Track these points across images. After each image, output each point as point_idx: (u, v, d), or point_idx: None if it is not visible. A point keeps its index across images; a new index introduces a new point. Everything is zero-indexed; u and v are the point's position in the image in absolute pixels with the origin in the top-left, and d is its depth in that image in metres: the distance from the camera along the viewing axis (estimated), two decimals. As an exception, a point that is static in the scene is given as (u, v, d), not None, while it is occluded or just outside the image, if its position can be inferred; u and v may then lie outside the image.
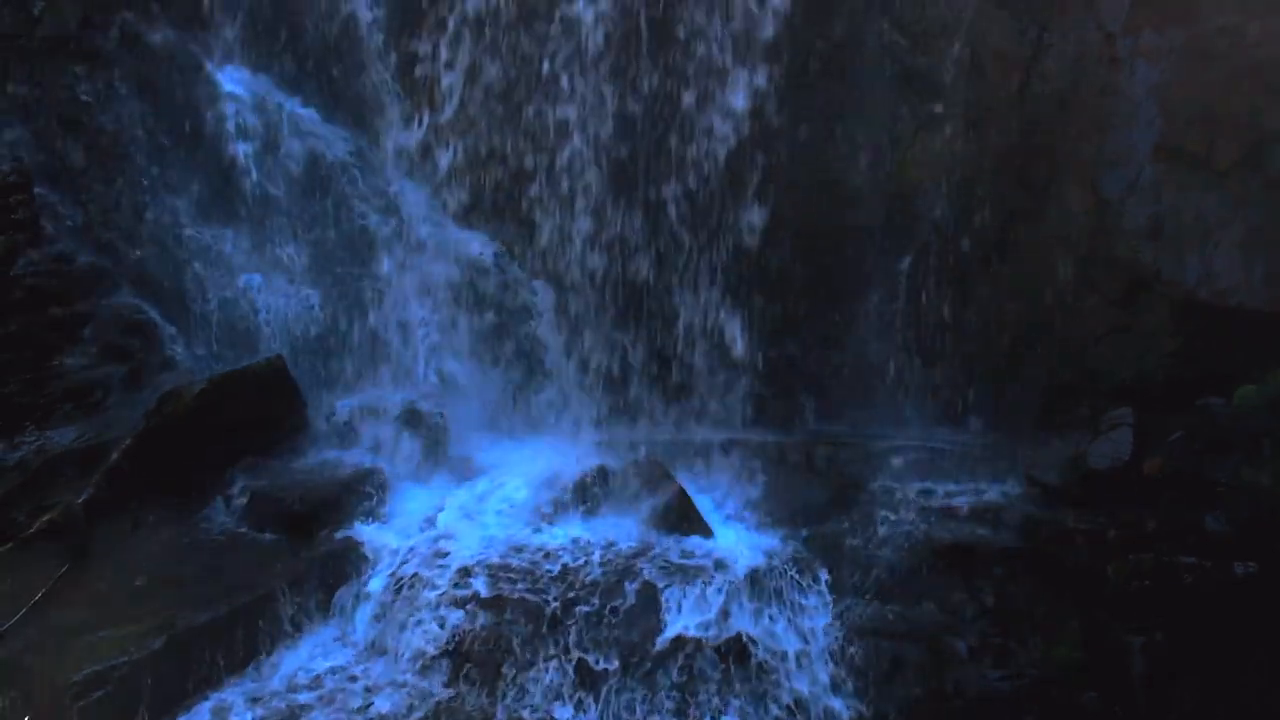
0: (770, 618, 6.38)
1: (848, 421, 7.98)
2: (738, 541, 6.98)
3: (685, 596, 6.38)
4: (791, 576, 6.57)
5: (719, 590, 6.40)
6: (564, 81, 8.11)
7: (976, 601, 6.39)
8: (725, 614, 6.31)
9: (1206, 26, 7.08)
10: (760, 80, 7.83)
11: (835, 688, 6.17)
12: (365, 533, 7.13)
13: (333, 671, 6.39)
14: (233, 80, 8.33)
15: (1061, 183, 7.55)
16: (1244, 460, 6.52)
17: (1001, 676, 6.09)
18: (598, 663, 6.18)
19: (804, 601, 6.49)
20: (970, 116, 7.63)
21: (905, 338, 7.85)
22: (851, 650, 6.24)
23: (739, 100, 7.84)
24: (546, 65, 8.14)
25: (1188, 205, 7.23)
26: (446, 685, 6.24)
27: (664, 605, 6.34)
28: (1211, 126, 7.13)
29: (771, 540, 7.07)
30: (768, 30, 7.78)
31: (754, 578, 6.51)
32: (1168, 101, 7.23)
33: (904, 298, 7.84)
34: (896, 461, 7.42)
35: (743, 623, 6.29)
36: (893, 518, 6.94)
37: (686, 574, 6.53)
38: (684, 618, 6.28)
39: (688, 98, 7.92)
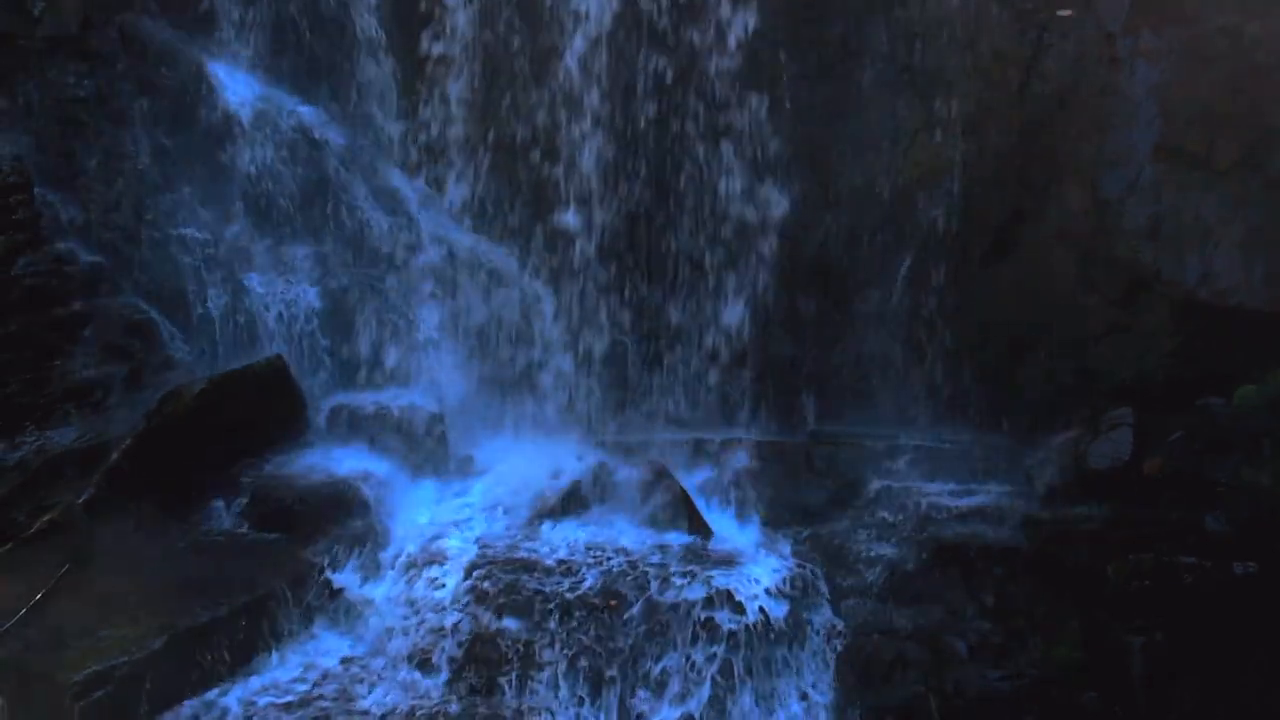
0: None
1: (847, 421, 7.97)
2: (741, 551, 6.96)
3: (673, 670, 6.19)
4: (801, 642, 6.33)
5: (709, 660, 6.20)
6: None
7: (976, 601, 6.40)
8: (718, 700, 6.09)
9: (1206, 27, 7.08)
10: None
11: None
12: (365, 532, 7.13)
13: (332, 671, 6.40)
14: (233, 79, 8.32)
15: (1061, 183, 7.55)
16: (1244, 460, 6.53)
17: (1001, 676, 6.09)
18: (598, 679, 6.17)
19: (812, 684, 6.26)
20: (970, 116, 7.62)
21: (905, 337, 7.84)
22: (853, 649, 6.24)
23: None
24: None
25: (1188, 205, 7.23)
26: (446, 687, 6.25)
27: (652, 675, 6.17)
28: (1211, 126, 7.12)
29: (772, 541, 7.09)
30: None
31: (754, 634, 6.28)
32: (1167, 101, 7.23)
33: (904, 297, 7.83)
34: (897, 461, 7.43)
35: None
36: (893, 518, 6.95)
37: (678, 617, 6.35)
38: (666, 709, 6.10)
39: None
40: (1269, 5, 6.91)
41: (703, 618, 6.32)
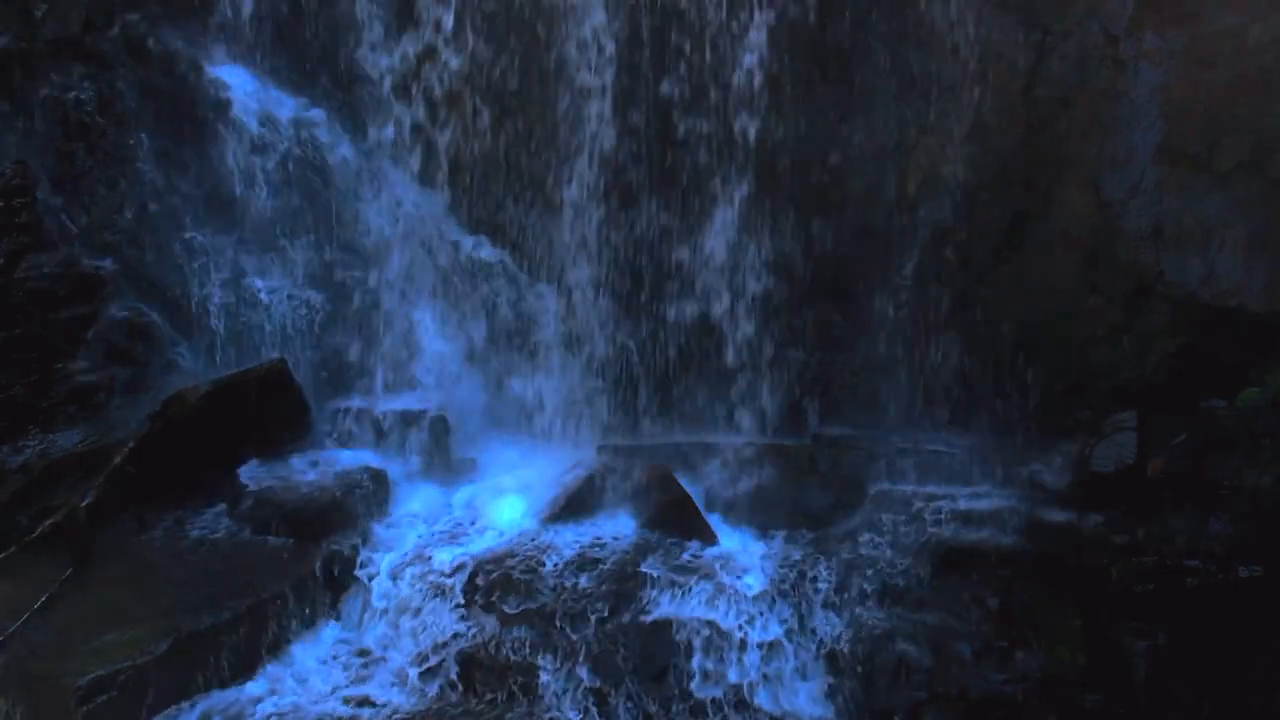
0: None
1: (851, 424, 7.95)
2: (744, 554, 6.95)
3: (677, 675, 6.23)
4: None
5: (713, 664, 6.24)
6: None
7: (980, 604, 6.39)
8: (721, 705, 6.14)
9: (1209, 29, 7.08)
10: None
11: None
12: (368, 535, 7.15)
13: (335, 675, 6.40)
14: (235, 80, 8.31)
15: (1064, 185, 7.54)
16: (1246, 462, 6.54)
17: (1005, 679, 6.10)
18: (604, 685, 6.18)
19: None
20: (973, 119, 7.61)
21: (909, 340, 7.83)
22: (856, 653, 6.24)
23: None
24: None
25: (1190, 207, 7.23)
26: (449, 692, 6.26)
27: (655, 681, 6.22)
28: (1214, 129, 7.12)
29: (775, 544, 7.08)
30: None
31: (757, 637, 6.31)
32: (1170, 104, 7.23)
33: (907, 300, 7.83)
34: (900, 464, 7.41)
35: None
36: (896, 521, 6.94)
37: (682, 621, 6.37)
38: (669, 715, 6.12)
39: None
40: (1272, 8, 6.92)
41: (706, 622, 6.33)
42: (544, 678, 6.17)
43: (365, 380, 8.13)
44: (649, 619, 6.38)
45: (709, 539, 7.06)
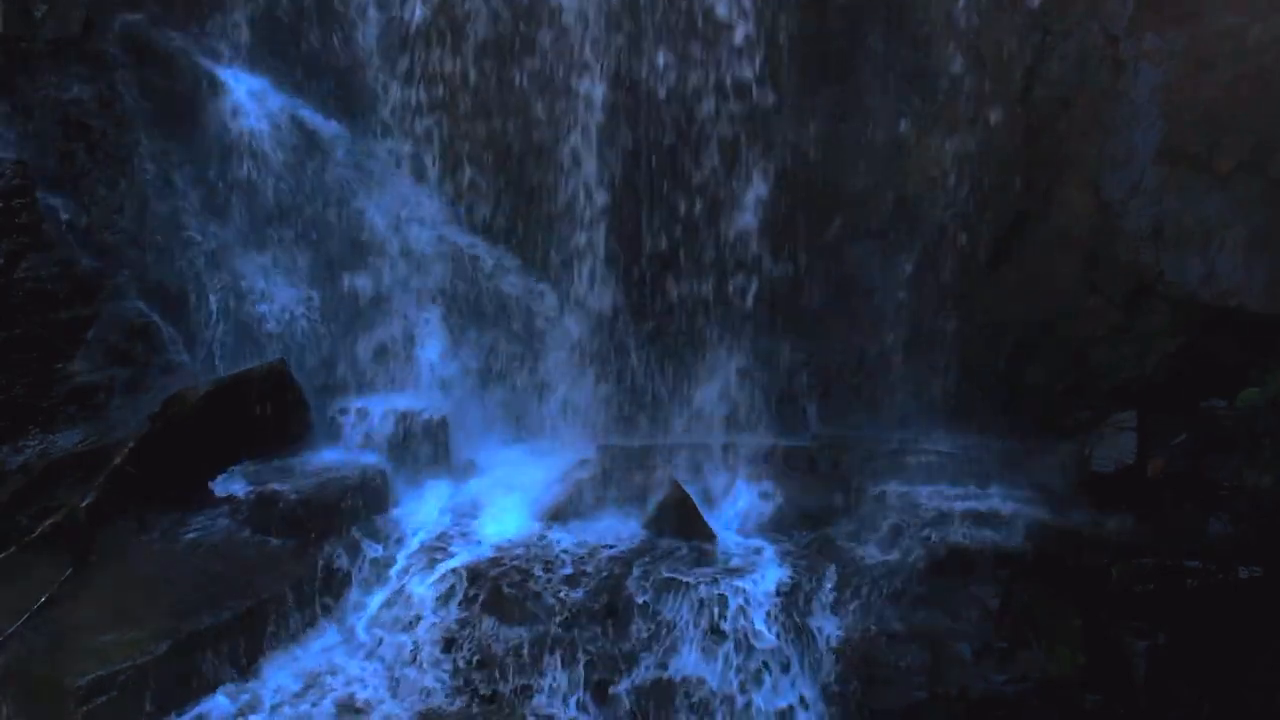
0: None
1: (851, 425, 7.96)
2: (744, 555, 6.92)
3: (677, 675, 6.22)
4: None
5: (713, 665, 6.24)
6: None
7: (980, 605, 6.39)
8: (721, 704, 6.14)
9: (1209, 29, 7.09)
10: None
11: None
12: (368, 536, 7.14)
13: (335, 675, 6.41)
14: (235, 81, 8.31)
15: (1064, 185, 7.55)
16: (1246, 462, 6.54)
17: (1005, 679, 6.10)
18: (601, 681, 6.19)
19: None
20: (973, 119, 7.62)
21: (909, 340, 7.84)
22: (856, 653, 6.25)
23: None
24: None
25: (1190, 207, 7.24)
26: (448, 692, 6.26)
27: (654, 681, 6.22)
28: (1213, 129, 7.13)
29: (775, 545, 7.08)
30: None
31: (757, 638, 6.28)
32: (1170, 104, 7.23)
33: (908, 300, 7.83)
34: (900, 465, 7.42)
35: None
36: (896, 521, 6.94)
37: (681, 622, 6.37)
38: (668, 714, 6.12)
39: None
40: (1272, 8, 6.92)
41: (706, 622, 6.33)
42: (541, 677, 6.18)
43: (365, 381, 8.12)
44: (647, 619, 6.37)
45: (709, 541, 7.04)
